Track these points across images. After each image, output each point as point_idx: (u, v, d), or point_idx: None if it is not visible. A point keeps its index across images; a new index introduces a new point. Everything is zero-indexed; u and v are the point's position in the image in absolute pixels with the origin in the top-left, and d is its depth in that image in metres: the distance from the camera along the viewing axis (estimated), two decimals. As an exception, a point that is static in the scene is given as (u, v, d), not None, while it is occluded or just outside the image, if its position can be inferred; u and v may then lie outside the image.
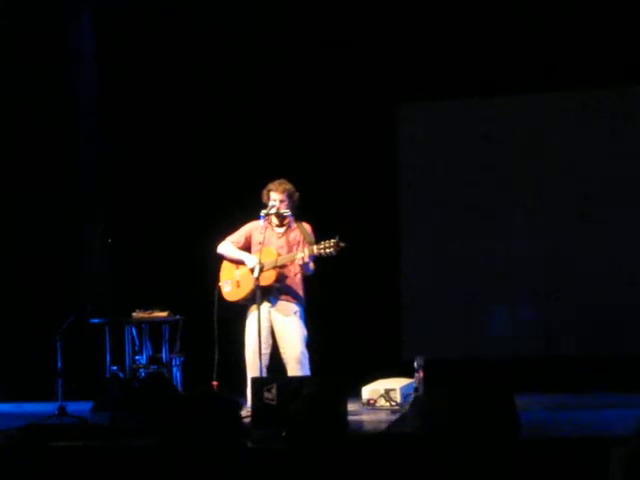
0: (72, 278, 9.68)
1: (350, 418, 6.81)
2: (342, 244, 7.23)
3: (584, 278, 9.24)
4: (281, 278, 7.55)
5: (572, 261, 9.28)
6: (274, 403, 6.68)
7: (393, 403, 7.84)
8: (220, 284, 7.75)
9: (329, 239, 7.30)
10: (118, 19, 9.74)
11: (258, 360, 7.32)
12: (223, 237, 7.83)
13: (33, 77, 9.70)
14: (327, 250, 7.27)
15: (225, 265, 7.81)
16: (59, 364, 7.76)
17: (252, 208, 7.68)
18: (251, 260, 7.58)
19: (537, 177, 9.42)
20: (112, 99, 9.92)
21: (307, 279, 7.65)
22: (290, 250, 7.59)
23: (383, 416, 7.31)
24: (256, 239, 7.65)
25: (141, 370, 8.68)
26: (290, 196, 7.58)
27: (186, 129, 9.77)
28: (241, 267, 7.71)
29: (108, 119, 9.96)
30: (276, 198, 7.56)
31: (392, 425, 2.17)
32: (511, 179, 9.48)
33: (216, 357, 7.51)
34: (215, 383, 7.47)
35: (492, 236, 9.51)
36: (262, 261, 7.44)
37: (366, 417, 7.48)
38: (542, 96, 9.37)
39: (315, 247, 7.35)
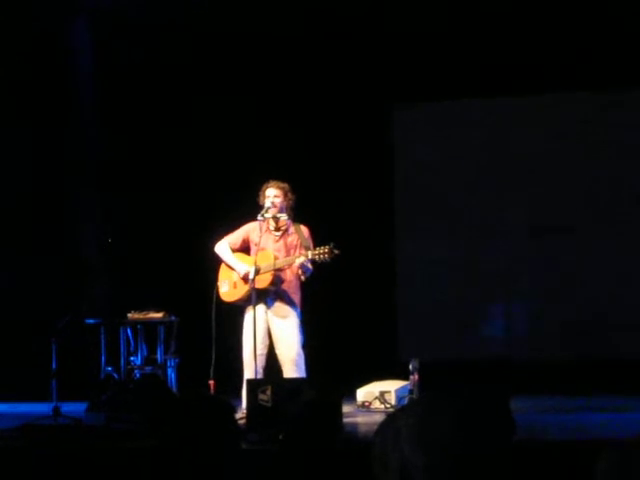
0: (67, 278, 9.66)
1: (345, 420, 6.82)
2: (336, 251, 7.25)
3: (579, 281, 9.25)
4: (277, 281, 7.54)
5: (567, 264, 9.28)
6: (269, 405, 6.68)
7: (388, 405, 7.84)
8: (218, 284, 7.75)
9: (324, 245, 7.31)
10: (114, 16, 9.72)
11: (254, 361, 7.33)
12: (218, 238, 7.82)
13: (31, 76, 9.70)
14: (321, 256, 7.29)
15: (224, 265, 7.81)
16: (54, 364, 7.74)
17: (249, 209, 7.69)
18: (242, 268, 7.58)
19: (534, 179, 9.41)
20: (110, 99, 9.90)
21: (304, 282, 7.65)
22: (287, 253, 7.60)
23: (378, 418, 7.31)
24: (254, 241, 7.65)
25: (136, 371, 8.67)
26: (285, 193, 7.60)
27: (182, 131, 9.75)
28: (239, 267, 7.73)
29: (104, 121, 9.96)
30: (270, 194, 7.58)
31: (382, 425, 2.16)
32: (508, 181, 9.47)
33: (213, 356, 7.51)
34: (212, 382, 7.47)
35: (488, 238, 9.51)
36: (259, 264, 7.44)
37: (361, 419, 7.48)
38: (540, 98, 9.37)
39: (310, 252, 7.37)
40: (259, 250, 7.51)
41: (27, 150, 9.83)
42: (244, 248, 7.76)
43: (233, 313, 7.74)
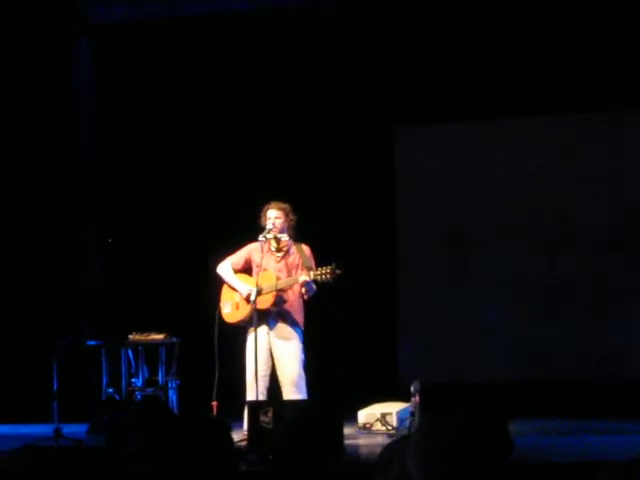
0: (69, 300, 9.66)
1: (346, 442, 6.80)
2: (338, 271, 7.26)
3: (577, 303, 9.25)
4: (278, 302, 7.54)
5: (567, 285, 9.28)
6: (270, 426, 6.67)
7: (389, 427, 7.82)
8: (220, 305, 7.75)
9: (326, 265, 7.32)
10: (114, 30, 9.77)
11: (256, 382, 7.32)
12: (221, 259, 7.83)
13: (31, 88, 9.72)
14: (323, 277, 7.30)
15: (226, 286, 7.82)
16: (55, 386, 7.74)
17: (251, 230, 7.69)
18: (244, 289, 7.59)
19: (534, 201, 9.41)
20: (109, 120, 9.94)
21: (306, 303, 7.65)
22: (289, 274, 7.60)
23: (379, 440, 7.29)
24: (256, 261, 7.65)
25: (137, 393, 8.66)
26: (286, 214, 7.61)
27: (184, 151, 9.78)
28: (242, 288, 7.73)
29: (104, 141, 9.98)
30: (272, 216, 7.59)
31: (387, 447, 2.19)
32: (508, 202, 9.47)
33: (216, 378, 7.50)
34: (215, 403, 7.46)
35: (489, 260, 9.50)
36: (261, 284, 7.44)
37: (362, 441, 7.47)
38: (540, 119, 9.40)
39: (312, 273, 7.38)
40: (260, 271, 7.51)
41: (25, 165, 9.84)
42: (246, 269, 7.76)
43: (236, 334, 7.74)
